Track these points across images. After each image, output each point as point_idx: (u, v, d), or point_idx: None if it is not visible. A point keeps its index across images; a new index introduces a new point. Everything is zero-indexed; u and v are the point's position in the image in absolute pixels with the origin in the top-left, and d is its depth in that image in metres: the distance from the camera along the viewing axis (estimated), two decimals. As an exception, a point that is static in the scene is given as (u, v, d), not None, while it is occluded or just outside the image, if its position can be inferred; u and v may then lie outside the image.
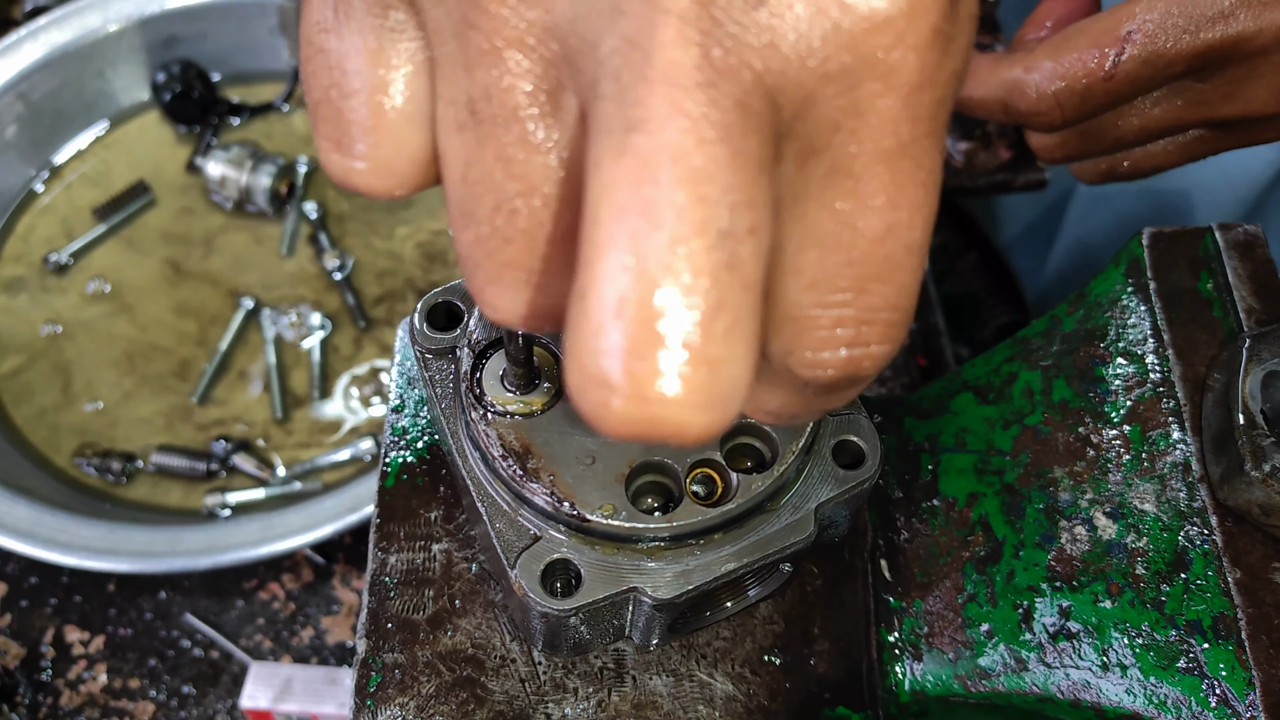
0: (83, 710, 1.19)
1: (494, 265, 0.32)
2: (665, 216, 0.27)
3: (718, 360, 0.27)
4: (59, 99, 1.48)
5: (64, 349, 1.37)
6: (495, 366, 0.49)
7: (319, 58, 0.34)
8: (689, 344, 0.27)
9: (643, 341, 0.27)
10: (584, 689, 0.57)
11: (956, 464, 0.66)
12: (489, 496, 0.49)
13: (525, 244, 0.31)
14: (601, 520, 0.46)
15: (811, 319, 0.31)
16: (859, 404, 0.52)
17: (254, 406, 1.33)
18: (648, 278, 0.27)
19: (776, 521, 0.48)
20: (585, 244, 0.28)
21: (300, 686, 1.12)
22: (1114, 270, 0.67)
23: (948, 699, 0.62)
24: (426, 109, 0.34)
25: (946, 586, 0.63)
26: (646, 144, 0.27)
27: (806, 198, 0.30)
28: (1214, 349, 0.62)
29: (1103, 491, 0.60)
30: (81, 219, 1.47)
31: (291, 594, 1.24)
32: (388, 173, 0.35)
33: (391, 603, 0.60)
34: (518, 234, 0.31)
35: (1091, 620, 0.58)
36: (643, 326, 0.27)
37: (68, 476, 1.28)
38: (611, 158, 0.27)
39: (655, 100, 0.27)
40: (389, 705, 0.58)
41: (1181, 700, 0.54)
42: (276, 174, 1.43)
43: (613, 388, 0.27)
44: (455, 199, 0.32)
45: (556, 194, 0.31)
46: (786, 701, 0.58)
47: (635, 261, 0.27)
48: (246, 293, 1.39)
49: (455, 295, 0.54)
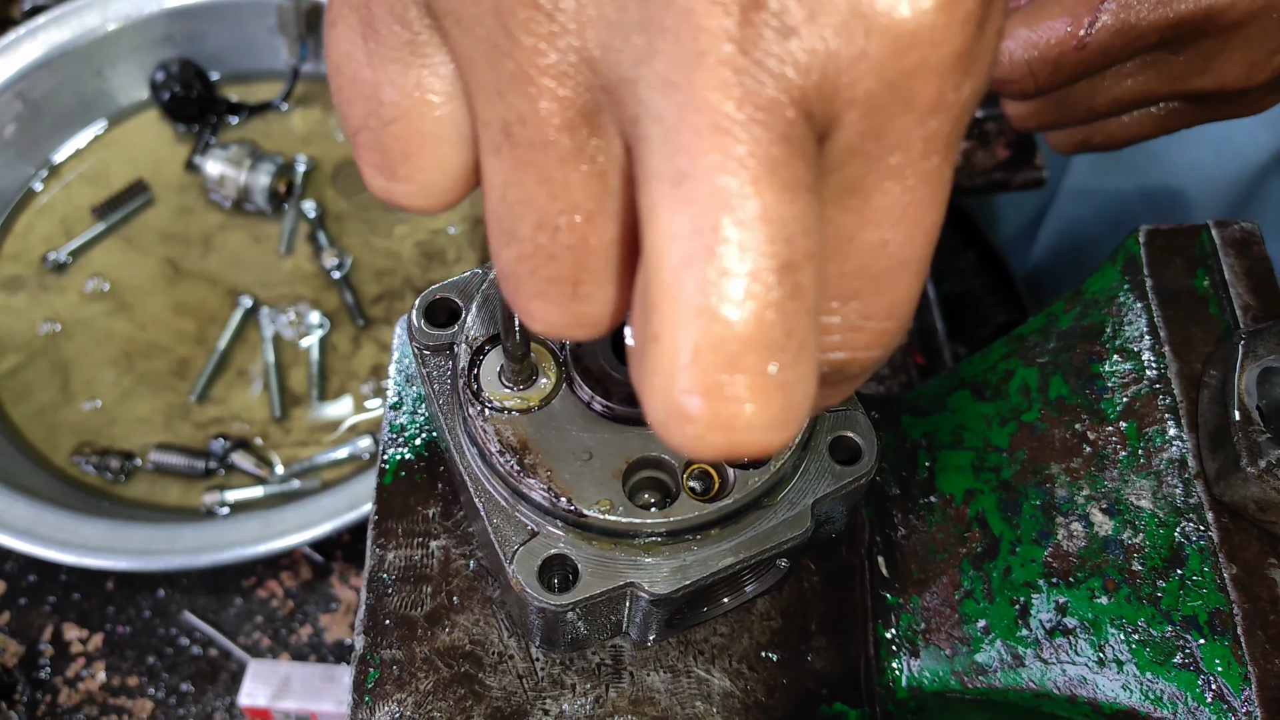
0: (81, 708, 1.19)
1: (538, 281, 0.32)
2: (729, 262, 0.27)
3: (789, 384, 0.28)
4: (58, 98, 1.48)
5: (63, 348, 1.37)
6: (493, 363, 0.50)
7: (352, 88, 0.34)
8: (763, 374, 0.28)
9: (722, 379, 0.28)
10: (582, 685, 0.58)
11: (954, 461, 0.66)
12: (486, 492, 0.49)
13: (570, 260, 0.32)
14: (598, 516, 0.46)
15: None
16: (856, 400, 0.52)
17: (253, 405, 1.33)
18: (720, 321, 0.27)
19: (773, 517, 0.48)
20: (654, 289, 0.28)
21: (299, 684, 1.12)
22: (1110, 268, 0.67)
23: (944, 695, 0.62)
24: (465, 129, 0.34)
25: (943, 583, 0.63)
26: (701, 193, 0.27)
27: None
28: (1210, 346, 0.62)
29: (1099, 488, 0.60)
30: (80, 218, 1.47)
31: (290, 592, 1.24)
32: (433, 193, 0.35)
33: (390, 599, 0.60)
34: (562, 250, 0.31)
35: (1088, 616, 0.58)
36: (721, 367, 0.28)
37: (66, 475, 1.28)
38: (667, 208, 0.28)
39: (703, 147, 0.27)
40: (387, 701, 0.58)
41: (1178, 696, 0.54)
42: (275, 173, 1.43)
43: (697, 420, 0.28)
44: (495, 218, 0.32)
45: (599, 208, 0.31)
46: (784, 698, 0.58)
47: (705, 304, 0.27)
48: (245, 291, 1.39)
49: (453, 292, 0.54)
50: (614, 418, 0.48)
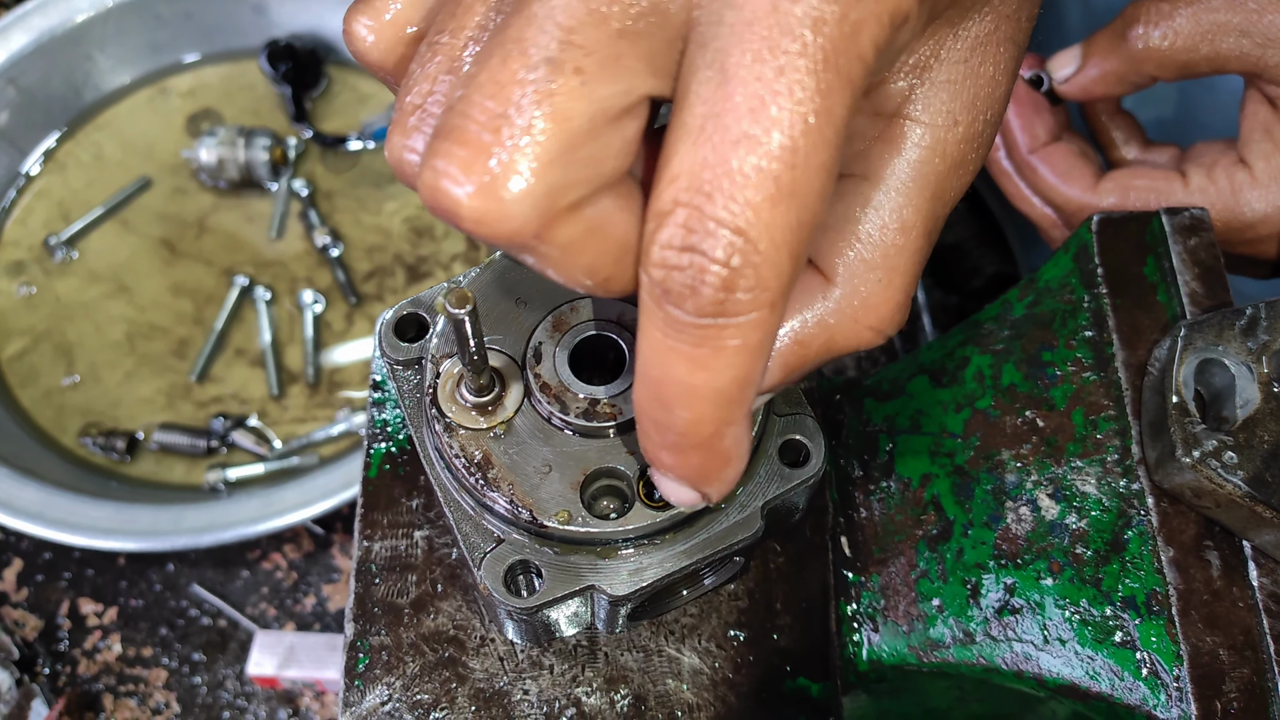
0: (99, 678, 1.25)
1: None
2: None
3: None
4: (49, 83, 1.50)
5: (66, 331, 1.41)
6: (458, 378, 0.52)
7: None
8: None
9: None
10: (559, 665, 0.61)
11: (912, 445, 0.69)
12: (455, 501, 0.52)
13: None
14: (557, 526, 0.49)
15: (662, 213, 0.33)
16: (805, 404, 0.55)
17: (251, 383, 1.36)
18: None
19: (725, 520, 0.51)
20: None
21: (304, 653, 1.16)
22: (1063, 256, 0.69)
23: (902, 668, 0.66)
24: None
25: (901, 563, 0.66)
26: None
27: (684, 89, 0.33)
28: (1157, 334, 0.65)
29: (1047, 474, 0.63)
30: (78, 201, 1.50)
31: (293, 564, 1.29)
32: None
33: (376, 588, 0.64)
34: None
35: (1034, 597, 0.61)
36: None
37: (74, 456, 1.32)
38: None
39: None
40: (376, 685, 0.61)
41: (1115, 671, 0.58)
42: (270, 145, 1.45)
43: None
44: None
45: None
46: (750, 673, 0.62)
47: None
48: (239, 271, 1.42)
49: (421, 307, 0.56)
50: (572, 431, 0.51)
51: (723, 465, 0.40)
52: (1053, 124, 0.90)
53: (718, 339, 0.34)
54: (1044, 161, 0.89)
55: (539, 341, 0.52)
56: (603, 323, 0.53)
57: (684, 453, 0.39)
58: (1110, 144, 0.93)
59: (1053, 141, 0.90)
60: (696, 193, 0.32)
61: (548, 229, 0.34)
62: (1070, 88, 0.87)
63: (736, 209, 0.32)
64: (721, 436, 0.38)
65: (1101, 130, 0.93)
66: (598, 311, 0.53)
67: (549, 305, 0.54)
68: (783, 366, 0.43)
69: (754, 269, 0.33)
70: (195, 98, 1.57)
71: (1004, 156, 0.92)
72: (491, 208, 0.33)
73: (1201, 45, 0.79)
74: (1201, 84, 0.99)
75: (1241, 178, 0.80)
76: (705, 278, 0.33)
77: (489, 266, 0.55)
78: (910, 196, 0.42)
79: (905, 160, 0.42)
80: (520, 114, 0.32)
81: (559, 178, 0.33)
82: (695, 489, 0.41)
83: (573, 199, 0.34)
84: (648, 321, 0.35)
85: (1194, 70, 0.81)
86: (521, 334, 0.53)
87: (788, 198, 0.32)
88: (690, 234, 0.33)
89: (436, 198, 0.33)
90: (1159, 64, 0.81)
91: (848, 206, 0.42)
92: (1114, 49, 0.83)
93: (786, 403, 0.54)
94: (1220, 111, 0.97)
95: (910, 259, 0.42)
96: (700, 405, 0.36)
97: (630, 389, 0.51)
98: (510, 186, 0.32)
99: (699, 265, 0.33)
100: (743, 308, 0.33)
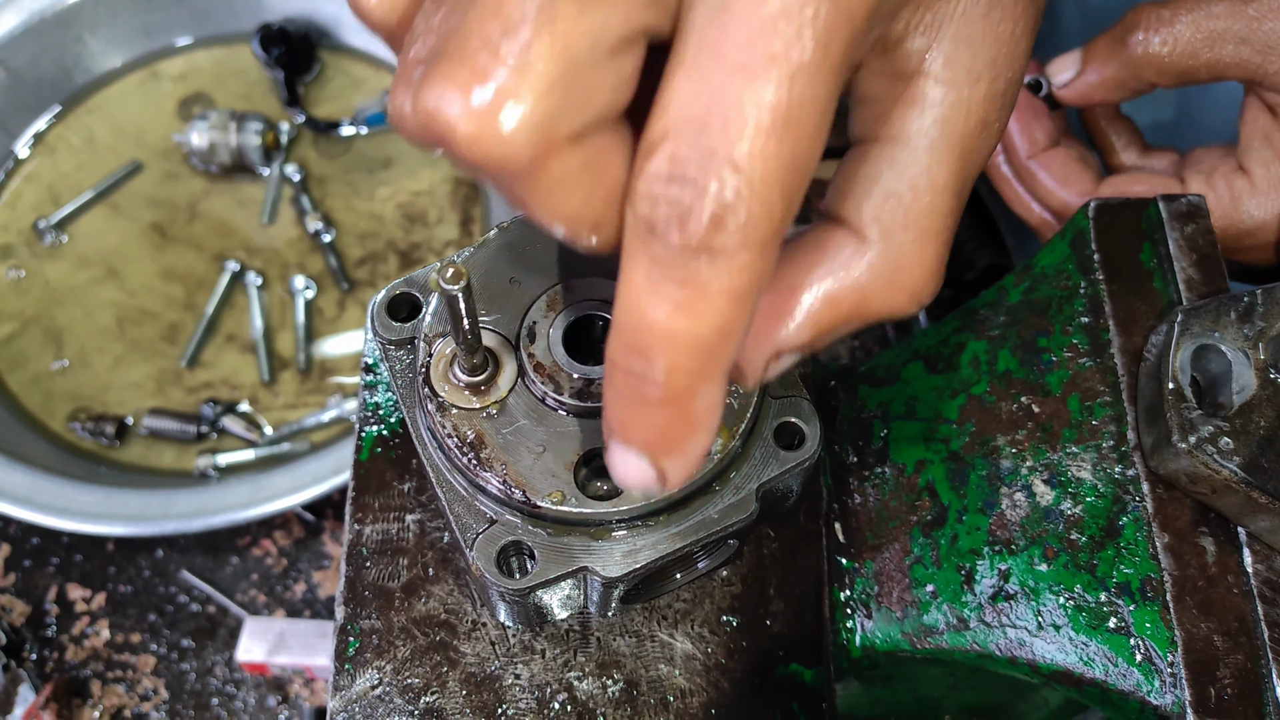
0: (87, 664, 1.24)
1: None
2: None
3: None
4: (39, 66, 1.49)
5: (55, 315, 1.40)
6: (451, 357, 0.52)
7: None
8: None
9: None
10: (551, 650, 0.61)
11: (906, 432, 0.68)
12: (448, 482, 0.51)
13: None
14: (551, 507, 0.48)
15: (652, 143, 0.33)
16: (801, 387, 0.54)
17: (241, 369, 1.35)
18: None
19: (719, 502, 0.51)
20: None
21: (294, 640, 1.16)
22: (1060, 242, 0.69)
23: (896, 654, 0.65)
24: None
25: (895, 549, 0.66)
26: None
27: (682, 22, 0.33)
28: (1154, 320, 0.64)
29: (1042, 459, 0.63)
30: (68, 185, 1.48)
31: (284, 550, 1.28)
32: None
33: (368, 572, 0.63)
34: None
35: (1028, 583, 0.61)
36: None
37: (63, 441, 1.31)
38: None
39: None
40: (367, 669, 0.61)
41: (1109, 657, 0.58)
42: (262, 130, 1.44)
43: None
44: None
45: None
46: (743, 660, 0.62)
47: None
48: (231, 256, 1.41)
49: (414, 287, 0.56)
50: (566, 411, 0.51)
51: (689, 432, 0.38)
52: (1051, 129, 0.90)
53: (702, 279, 0.33)
54: (1043, 167, 0.89)
55: (533, 321, 0.52)
56: (597, 302, 0.52)
57: (650, 410, 0.37)
58: (1109, 149, 0.93)
59: (1051, 146, 0.90)
60: (689, 123, 0.32)
61: (544, 158, 0.33)
62: (1069, 93, 0.87)
63: (730, 140, 0.32)
64: (694, 394, 0.36)
65: (1100, 135, 0.93)
66: (592, 291, 0.53)
67: (543, 285, 0.53)
68: (813, 324, 0.42)
69: (745, 203, 0.32)
70: (187, 81, 1.56)
71: (1003, 161, 0.92)
72: (489, 131, 0.32)
73: (1202, 52, 0.79)
74: (1201, 89, 0.99)
75: (1241, 185, 0.80)
76: (693, 209, 0.32)
77: (483, 245, 0.55)
78: (939, 156, 0.41)
79: (930, 119, 0.41)
80: (520, 36, 0.31)
81: (559, 104, 0.32)
82: (653, 464, 0.39)
83: (571, 130, 0.33)
84: (629, 264, 0.34)
85: (1194, 77, 0.81)
86: (515, 313, 0.53)
87: (782, 131, 0.32)
88: (680, 164, 0.32)
89: (430, 121, 0.32)
90: (1159, 70, 0.81)
91: (875, 168, 0.41)
92: (1113, 54, 0.83)
93: (782, 385, 0.54)
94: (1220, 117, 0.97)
95: (942, 221, 0.41)
96: (677, 354, 0.35)
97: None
98: (510, 109, 0.31)
99: (688, 196, 0.32)
100: (731, 245, 0.33)
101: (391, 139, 1.51)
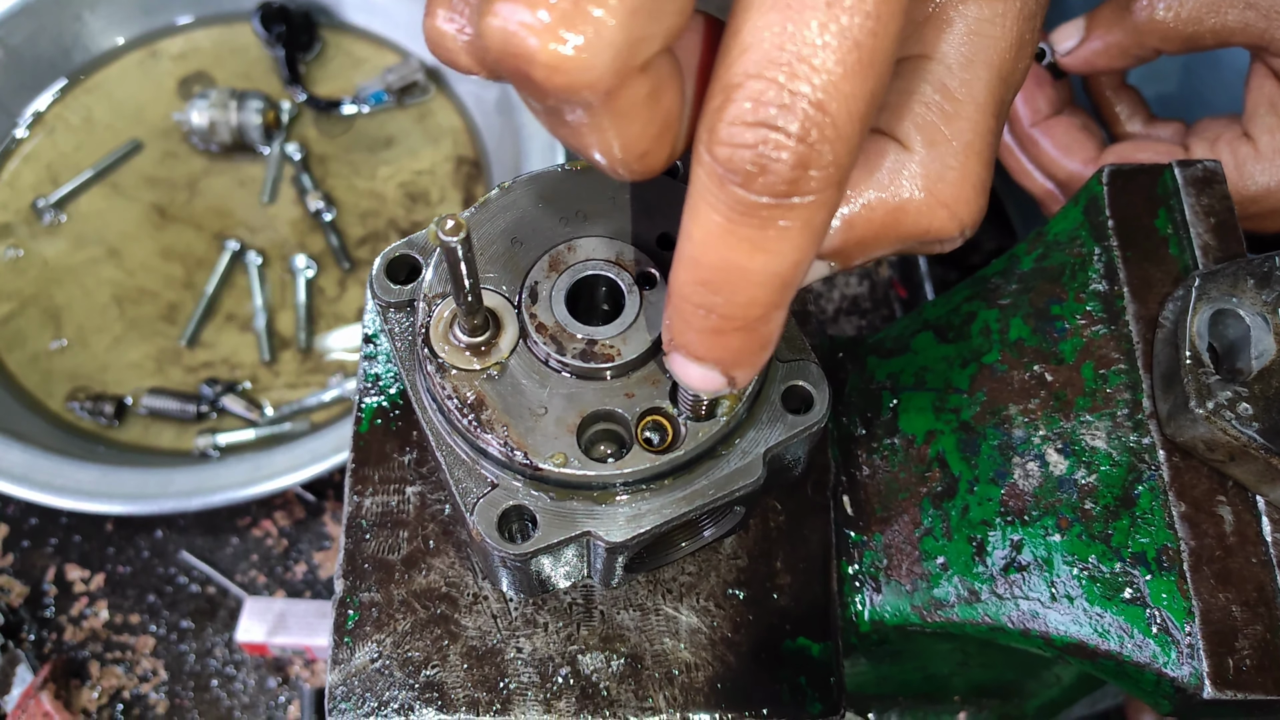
0: (86, 645, 1.23)
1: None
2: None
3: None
4: (37, 44, 1.47)
5: (54, 295, 1.38)
6: (451, 318, 0.50)
7: None
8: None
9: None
10: (554, 624, 0.60)
11: (916, 402, 0.67)
12: (448, 446, 0.50)
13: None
14: (553, 469, 0.47)
15: (731, 85, 0.32)
16: (809, 350, 0.53)
17: (242, 348, 1.34)
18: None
19: (726, 466, 0.50)
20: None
21: (294, 620, 1.15)
22: (1073, 209, 0.67)
23: (905, 628, 0.64)
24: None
25: (905, 521, 0.65)
26: None
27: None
28: (1169, 287, 0.63)
29: (1055, 428, 0.61)
30: (67, 164, 1.47)
31: (284, 531, 1.27)
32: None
33: (367, 544, 0.62)
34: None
35: (1041, 553, 0.59)
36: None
37: (62, 420, 1.30)
38: None
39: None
40: (366, 642, 0.60)
41: (1124, 629, 0.56)
42: (263, 108, 1.43)
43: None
44: None
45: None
46: (749, 633, 0.60)
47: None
48: (231, 235, 1.40)
49: (414, 248, 0.54)
50: (569, 373, 0.49)
51: (761, 348, 0.39)
52: (1055, 97, 0.89)
53: (783, 220, 0.33)
54: (1046, 135, 0.88)
55: (535, 281, 0.51)
56: (600, 262, 0.51)
57: (724, 336, 0.38)
58: (1114, 119, 0.92)
59: (1055, 115, 0.89)
60: (771, 64, 0.31)
61: (620, 86, 0.32)
62: (1073, 60, 0.86)
63: (818, 81, 0.31)
64: (769, 320, 0.37)
65: (1105, 105, 0.92)
66: (595, 251, 0.51)
67: (546, 245, 0.52)
68: (846, 229, 0.41)
69: (830, 145, 0.31)
70: (187, 60, 1.55)
71: (1005, 131, 0.91)
72: (572, 57, 0.30)
73: (1207, 18, 0.78)
74: (1206, 59, 0.98)
75: (1246, 152, 0.79)
76: (780, 155, 0.31)
77: (484, 205, 0.53)
78: (977, 72, 0.40)
79: (964, 37, 0.41)
80: None
81: (640, 28, 0.31)
82: (725, 373, 0.40)
83: (646, 54, 0.32)
84: (704, 205, 0.34)
85: (1199, 43, 0.80)
86: (517, 274, 0.51)
87: (867, 68, 0.31)
88: (763, 108, 0.31)
89: (508, 44, 0.31)
90: (1164, 37, 0.80)
91: (913, 83, 0.41)
92: (1118, 21, 0.82)
93: (790, 349, 0.53)
94: (1224, 87, 0.96)
95: (984, 140, 0.41)
96: (755, 289, 0.35)
97: (629, 330, 0.49)
98: (595, 33, 0.30)
99: (773, 142, 0.31)
100: (814, 186, 0.32)
101: (394, 118, 1.49)
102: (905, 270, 1.32)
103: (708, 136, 0.32)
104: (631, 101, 0.33)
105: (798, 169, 0.31)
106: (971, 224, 0.42)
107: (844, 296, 1.32)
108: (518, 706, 0.58)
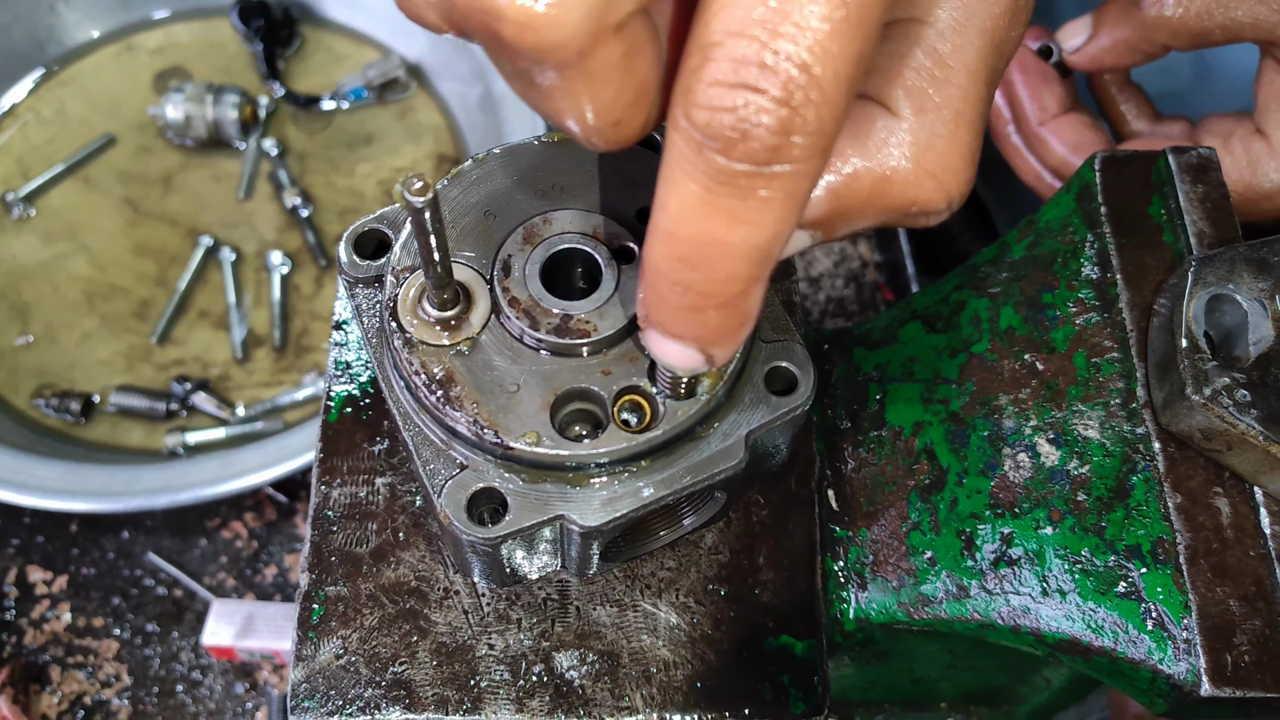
0: (47, 648, 1.20)
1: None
2: None
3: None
4: (11, 36, 1.45)
5: (22, 290, 1.35)
6: (421, 292, 0.48)
7: None
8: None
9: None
10: (527, 620, 0.57)
11: (903, 393, 0.65)
12: (416, 426, 0.48)
13: None
14: (525, 448, 0.45)
15: (709, 44, 0.30)
16: (794, 330, 0.51)
17: (214, 346, 1.31)
18: None
19: (706, 448, 0.48)
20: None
21: (262, 623, 1.12)
22: (1065, 196, 0.66)
23: (892, 626, 0.62)
24: None
25: (891, 515, 0.63)
26: None
27: None
28: (1163, 274, 0.61)
29: (1047, 418, 0.60)
30: (38, 158, 1.44)
31: (255, 532, 1.24)
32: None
33: (334, 536, 0.60)
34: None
35: (1032, 547, 0.57)
36: None
37: (27, 418, 1.27)
38: None
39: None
40: (331, 638, 0.58)
41: (1119, 624, 0.54)
42: (240, 103, 1.41)
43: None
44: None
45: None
46: (730, 630, 0.58)
47: None
48: (205, 232, 1.37)
49: (385, 223, 0.52)
50: (543, 349, 0.47)
51: (740, 324, 0.37)
52: (1063, 96, 0.88)
53: (764, 190, 0.31)
54: (1054, 134, 0.87)
55: (508, 254, 0.49)
56: (576, 235, 0.49)
57: (702, 313, 0.36)
58: (1120, 118, 0.91)
59: (1062, 114, 0.87)
60: (753, 22, 0.29)
61: (592, 47, 0.30)
62: (1080, 58, 0.85)
63: (802, 40, 0.29)
64: (748, 295, 0.35)
65: (1110, 104, 0.91)
66: (571, 224, 0.49)
67: (520, 218, 0.50)
68: (830, 198, 0.39)
69: (815, 109, 0.29)
70: (164, 55, 1.52)
71: (1012, 130, 0.90)
72: (542, 13, 0.29)
73: (1216, 13, 0.76)
74: (1213, 60, 0.97)
75: (1259, 148, 0.78)
76: (761, 119, 0.29)
77: (457, 177, 0.51)
78: (969, 38, 0.39)
79: (957, 2, 0.39)
80: None
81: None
82: (703, 351, 0.38)
83: (621, 14, 0.30)
84: (680, 173, 0.32)
85: (1208, 39, 0.78)
86: (490, 247, 0.49)
87: (855, 27, 0.29)
88: (744, 68, 0.29)
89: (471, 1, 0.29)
90: (1172, 33, 0.79)
91: (903, 47, 0.39)
92: (1126, 17, 0.81)
93: (774, 328, 0.51)
94: (1231, 86, 0.95)
95: (974, 108, 0.39)
96: (734, 264, 0.33)
97: (606, 305, 0.47)
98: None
99: (754, 105, 0.29)
100: (797, 154, 0.30)
101: (374, 115, 1.47)
102: (892, 273, 1.31)
103: (684, 99, 0.30)
104: (605, 64, 0.31)
105: (780, 135, 0.30)
106: (959, 195, 0.40)
107: (830, 299, 1.30)
108: (489, 705, 0.55)
